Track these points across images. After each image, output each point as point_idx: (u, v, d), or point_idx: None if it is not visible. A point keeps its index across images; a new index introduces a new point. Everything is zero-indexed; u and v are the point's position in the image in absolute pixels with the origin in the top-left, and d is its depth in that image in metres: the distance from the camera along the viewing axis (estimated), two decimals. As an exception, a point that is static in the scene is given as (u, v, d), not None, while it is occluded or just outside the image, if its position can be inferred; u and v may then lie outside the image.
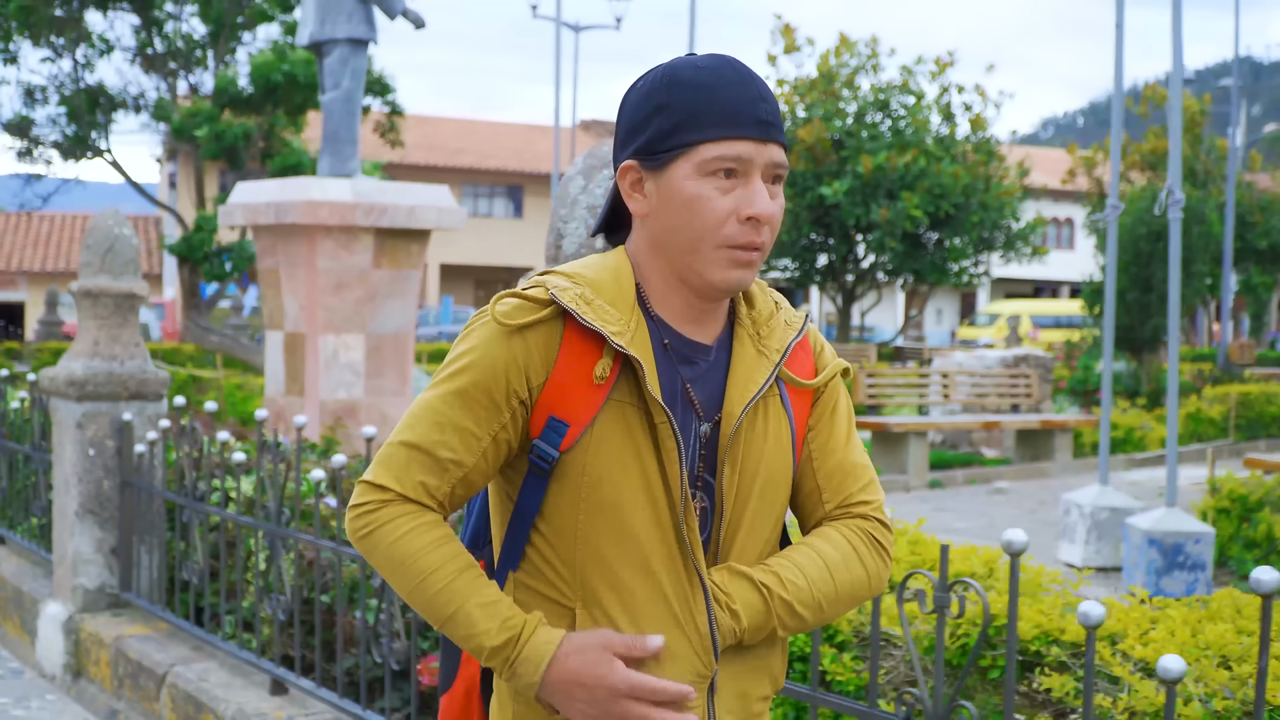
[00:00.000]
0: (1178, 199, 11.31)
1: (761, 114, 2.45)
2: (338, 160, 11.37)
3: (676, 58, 2.52)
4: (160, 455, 7.84)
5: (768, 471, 2.58)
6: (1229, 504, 12.32)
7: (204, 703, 6.72)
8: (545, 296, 2.45)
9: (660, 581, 2.48)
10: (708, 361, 2.55)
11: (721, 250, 2.44)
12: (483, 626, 2.43)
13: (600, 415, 2.45)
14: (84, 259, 8.40)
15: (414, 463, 2.49)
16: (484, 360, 2.46)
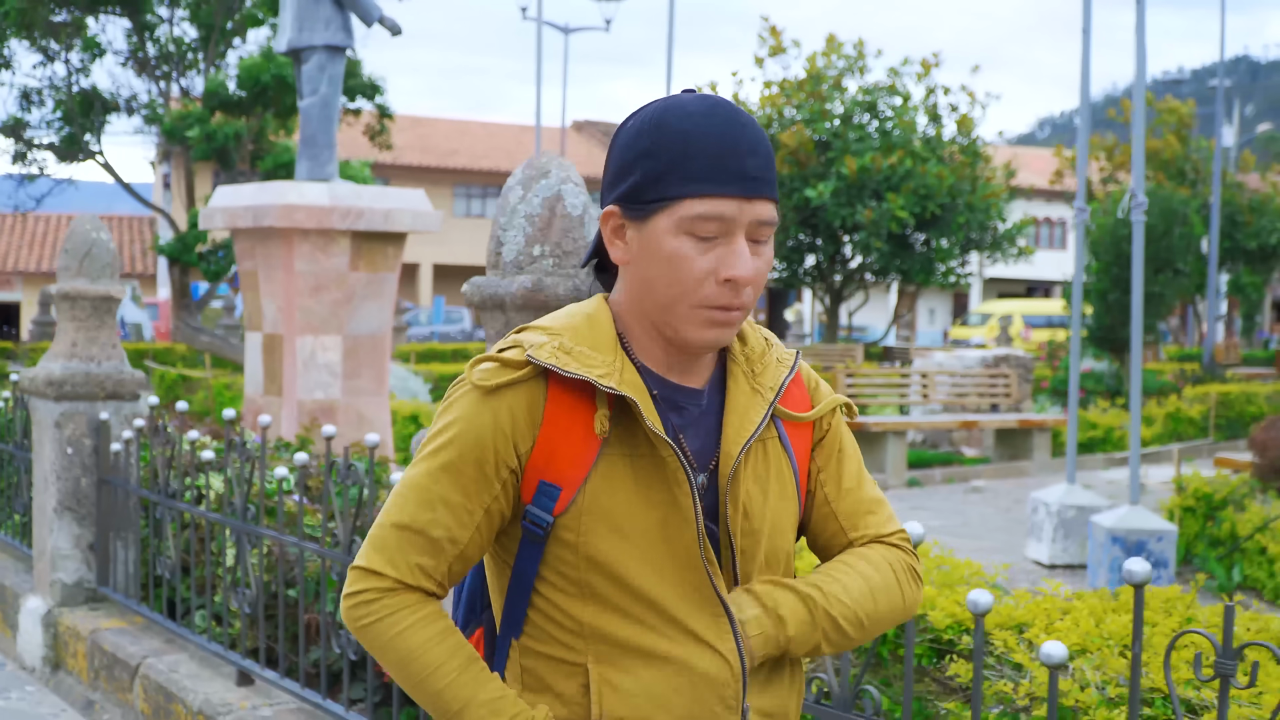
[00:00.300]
0: (1140, 202, 11.54)
1: (749, 169, 2.32)
2: (315, 164, 11.58)
3: (672, 97, 2.39)
4: (135, 453, 8.04)
5: (773, 514, 2.51)
6: (1194, 502, 12.53)
7: (174, 693, 6.93)
8: (522, 357, 2.38)
9: (678, 619, 2.40)
10: (699, 407, 2.48)
11: (699, 310, 2.35)
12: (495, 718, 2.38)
13: (593, 473, 2.37)
14: (62, 263, 8.62)
15: (407, 545, 2.42)
16: (468, 431, 2.38)
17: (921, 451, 21.46)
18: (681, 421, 2.43)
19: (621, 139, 2.39)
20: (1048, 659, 3.30)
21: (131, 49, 29.27)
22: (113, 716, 7.60)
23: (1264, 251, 44.55)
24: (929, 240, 35.26)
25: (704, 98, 2.35)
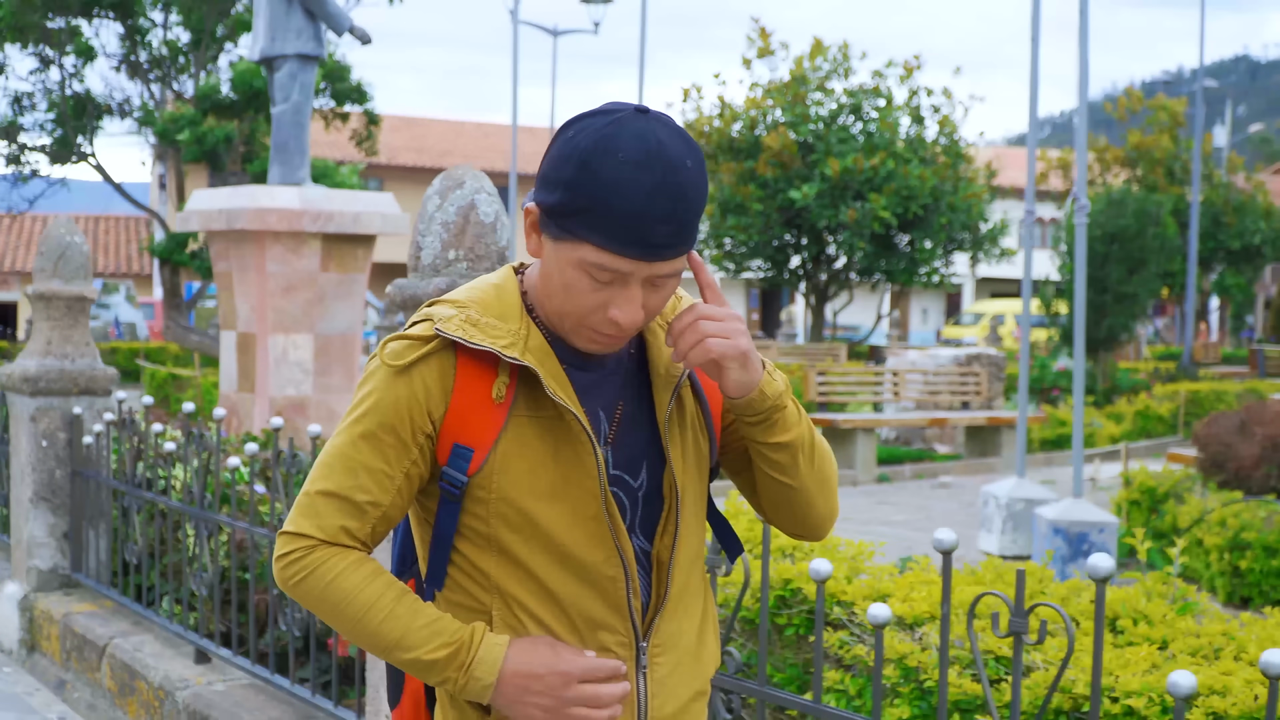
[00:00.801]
0: (1083, 204, 11.97)
1: (655, 238, 2.38)
2: (287, 169, 11.99)
3: (614, 128, 2.40)
4: (107, 446, 8.45)
5: (690, 457, 2.68)
6: (1140, 496, 12.96)
7: (137, 670, 7.36)
8: (430, 331, 2.52)
9: (582, 566, 2.55)
10: (604, 368, 2.62)
11: (585, 329, 2.49)
12: (431, 644, 2.50)
13: (503, 435, 2.52)
14: (37, 265, 9.05)
15: (333, 509, 2.55)
16: (384, 402, 2.52)
17: (894, 448, 21.89)
18: (588, 380, 2.58)
19: (555, 147, 2.44)
20: (874, 619, 3.73)
21: (124, 53, 29.66)
22: (82, 694, 8.03)
23: (1248, 251, 44.93)
24: (912, 241, 35.61)
25: (641, 140, 2.38)
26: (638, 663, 2.63)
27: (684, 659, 2.72)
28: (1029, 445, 22.09)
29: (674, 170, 2.37)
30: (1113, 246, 25.32)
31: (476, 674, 2.50)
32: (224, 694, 6.79)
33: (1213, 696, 3.63)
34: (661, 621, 2.66)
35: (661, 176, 2.36)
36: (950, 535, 3.56)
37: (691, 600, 2.75)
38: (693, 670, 2.74)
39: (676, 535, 2.63)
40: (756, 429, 2.61)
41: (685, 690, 2.72)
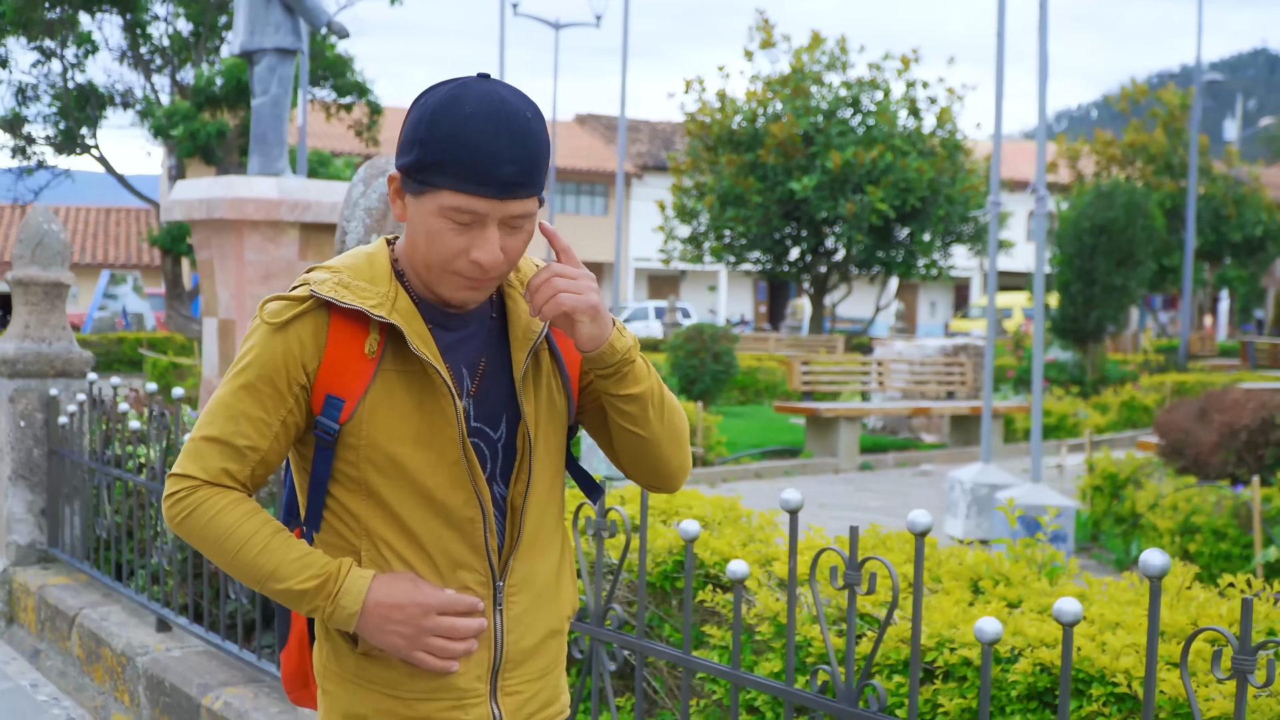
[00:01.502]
0: (1042, 195, 12.28)
1: (504, 176, 2.61)
2: (266, 160, 12.31)
3: (454, 90, 2.66)
4: (83, 425, 8.79)
5: (545, 413, 2.89)
6: (1102, 482, 13.26)
7: (103, 638, 7.70)
8: (306, 293, 2.73)
9: (444, 508, 2.78)
10: (466, 330, 2.83)
11: (450, 276, 2.70)
12: (301, 575, 2.71)
13: (372, 386, 2.74)
14: (16, 251, 9.39)
15: (215, 453, 2.76)
16: (262, 356, 2.74)
17: (879, 437, 22.19)
18: (452, 338, 2.80)
19: (412, 114, 2.69)
20: (732, 574, 4.05)
21: (126, 45, 29.98)
22: (54, 663, 8.38)
23: (1250, 244, 45.10)
24: (911, 233, 35.85)
25: (485, 98, 2.63)
26: (495, 600, 2.85)
27: (539, 598, 2.93)
28: (1013, 434, 22.40)
29: (515, 118, 2.62)
30: (1101, 239, 25.63)
31: (342, 603, 2.71)
32: (180, 659, 7.12)
33: (1041, 648, 3.93)
34: (516, 561, 2.88)
35: (505, 123, 2.61)
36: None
37: (547, 543, 2.96)
38: (548, 609, 2.96)
39: (529, 482, 2.85)
40: (608, 381, 2.84)
41: (541, 627, 2.94)
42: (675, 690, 5.16)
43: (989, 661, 3.41)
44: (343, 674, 2.89)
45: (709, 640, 4.88)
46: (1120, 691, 3.76)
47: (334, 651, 2.90)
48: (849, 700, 3.76)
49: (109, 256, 52.17)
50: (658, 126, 66.34)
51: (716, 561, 5.06)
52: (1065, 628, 3.28)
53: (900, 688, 4.12)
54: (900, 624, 4.24)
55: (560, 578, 3.02)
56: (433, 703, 2.86)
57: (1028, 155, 64.13)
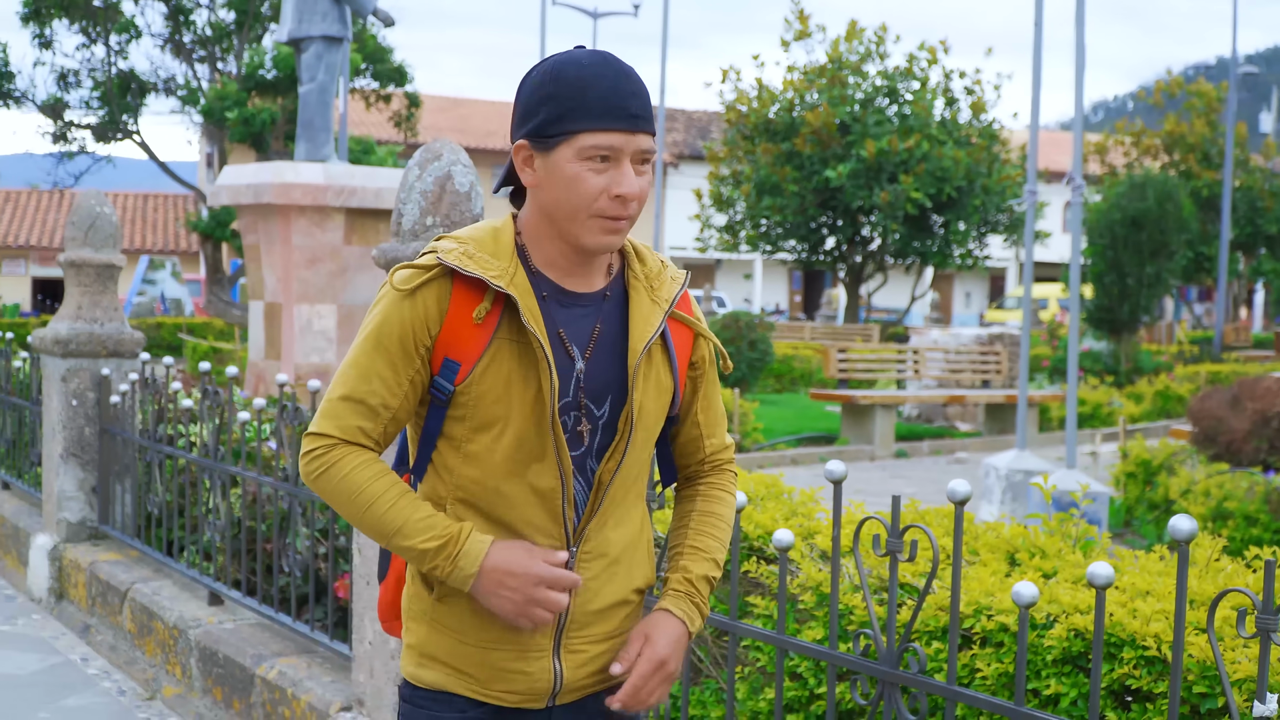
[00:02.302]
0: (1079, 186, 12.38)
1: (632, 109, 2.86)
2: (313, 146, 12.49)
3: (566, 53, 2.93)
4: (134, 404, 8.97)
5: (651, 403, 3.06)
6: (1135, 468, 13.35)
7: (155, 612, 7.88)
8: (433, 261, 2.91)
9: (529, 474, 2.96)
10: (584, 309, 3.00)
11: (595, 220, 2.88)
12: (424, 535, 2.90)
13: (487, 351, 2.91)
14: (68, 234, 9.57)
15: (350, 411, 2.96)
16: (391, 319, 2.92)
17: (914, 425, 22.30)
18: (567, 317, 2.98)
19: (525, 87, 2.93)
20: (777, 543, 4.20)
21: (169, 32, 30.16)
22: (104, 637, 8.56)
23: (1286, 236, 44.98)
24: (946, 223, 35.85)
25: (593, 52, 2.91)
26: (567, 565, 3.02)
27: (612, 567, 3.10)
28: (1048, 423, 22.48)
29: (623, 64, 2.90)
30: (1133, 230, 25.70)
31: (460, 564, 2.91)
32: (232, 631, 7.30)
33: (1075, 614, 4.07)
34: (591, 531, 3.05)
35: (618, 67, 2.89)
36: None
37: (625, 517, 3.13)
38: (621, 580, 3.13)
39: (621, 462, 3.03)
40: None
41: (609, 594, 3.10)
42: (719, 659, 5.30)
43: (1025, 623, 3.55)
44: (422, 614, 3.09)
45: (753, 609, 5.02)
46: (1150, 655, 3.88)
47: (416, 593, 3.10)
48: (890, 663, 3.91)
49: (147, 242, 52.45)
50: (694, 115, 66.37)
51: (760, 534, 5.20)
52: (1098, 590, 3.42)
53: (939, 653, 4.25)
54: (938, 593, 4.38)
55: (636, 551, 3.18)
56: (498, 651, 3.04)
57: (1063, 146, 64.00)
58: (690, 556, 3.22)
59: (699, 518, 3.27)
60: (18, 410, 11.32)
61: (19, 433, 11.32)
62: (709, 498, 3.30)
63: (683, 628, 3.14)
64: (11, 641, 8.70)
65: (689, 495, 3.33)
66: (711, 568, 3.22)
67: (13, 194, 53.64)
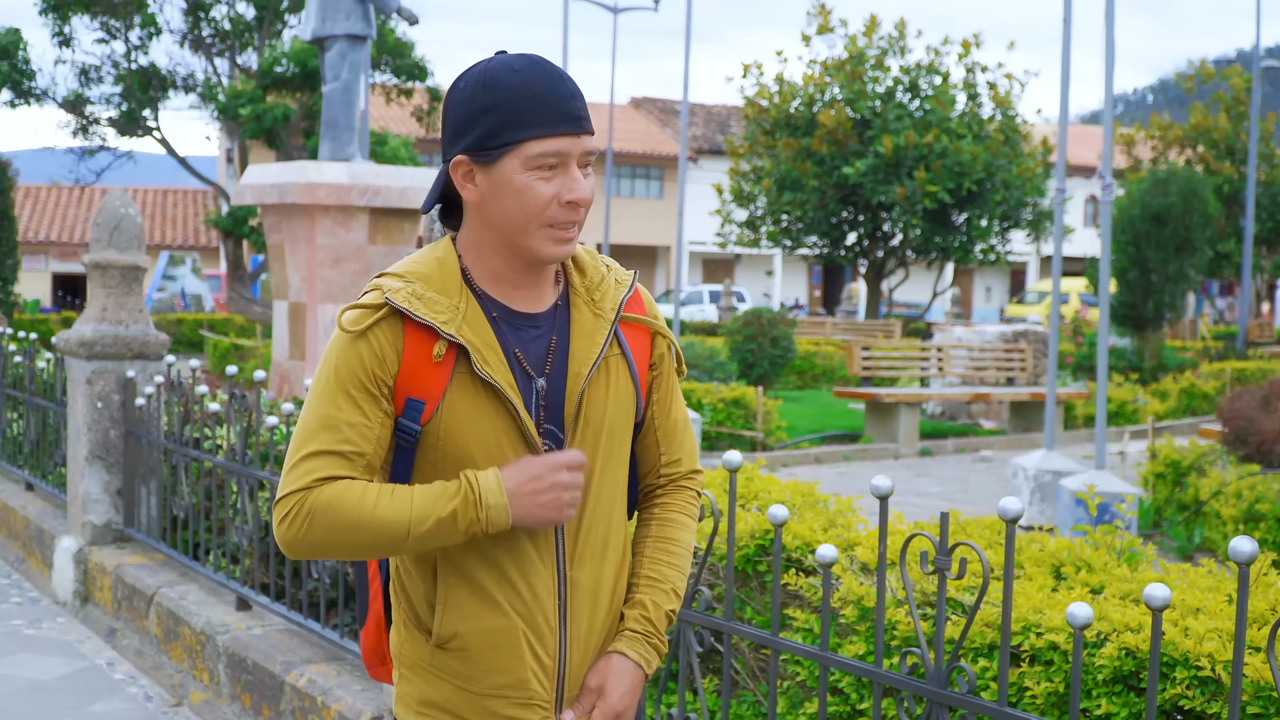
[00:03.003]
0: (1109, 183, 12.29)
1: (575, 110, 2.76)
2: (337, 145, 12.44)
3: (492, 59, 2.81)
4: (158, 407, 8.92)
5: (612, 420, 2.96)
6: (1164, 469, 13.26)
7: (181, 617, 7.83)
8: (380, 300, 2.78)
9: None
10: (537, 330, 2.89)
11: (545, 230, 2.78)
12: (440, 503, 2.74)
13: (450, 388, 2.80)
14: (93, 235, 9.53)
15: (322, 466, 2.77)
16: (349, 362, 2.79)
17: (938, 423, 22.21)
18: (521, 339, 2.87)
19: (454, 99, 2.81)
20: (821, 559, 4.13)
21: (188, 27, 30.14)
22: (130, 641, 8.51)
23: (1307, 232, 44.82)
24: (968, 218, 35.78)
25: (523, 56, 2.80)
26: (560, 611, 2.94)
27: (602, 603, 3.02)
28: (1074, 421, 22.38)
29: (556, 67, 2.80)
30: (1156, 225, 25.60)
31: (489, 502, 2.75)
32: (261, 637, 7.24)
33: (1126, 633, 4.00)
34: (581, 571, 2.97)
35: (551, 69, 2.78)
36: (886, 482, 3.95)
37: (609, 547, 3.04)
38: (612, 614, 3.06)
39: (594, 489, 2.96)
40: None
41: (603, 632, 3.04)
42: (757, 672, 5.24)
43: (1080, 646, 3.48)
44: (418, 661, 2.98)
45: (792, 623, 4.96)
46: (1204, 675, 3.81)
47: (410, 640, 2.99)
48: (939, 682, 3.83)
49: (167, 238, 52.56)
50: (713, 110, 66.29)
51: (798, 545, 5.13)
52: (1155, 612, 3.35)
53: (986, 671, 4.18)
54: (984, 609, 4.30)
55: (620, 582, 3.09)
56: (500, 699, 2.93)
57: (1085, 139, 63.83)
58: (647, 589, 3.10)
59: (654, 545, 3.14)
60: (42, 411, 11.28)
61: (43, 433, 11.28)
62: (665, 521, 3.17)
63: (640, 673, 3.05)
64: (37, 645, 8.65)
65: (643, 519, 3.21)
66: (670, 599, 3.10)
67: (34, 190, 53.75)
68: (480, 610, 2.89)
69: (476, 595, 2.89)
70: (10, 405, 12.34)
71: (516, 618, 2.90)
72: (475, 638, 2.90)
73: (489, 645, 2.90)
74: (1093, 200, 65.31)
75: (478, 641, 2.90)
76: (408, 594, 2.97)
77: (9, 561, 10.95)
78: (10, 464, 12.13)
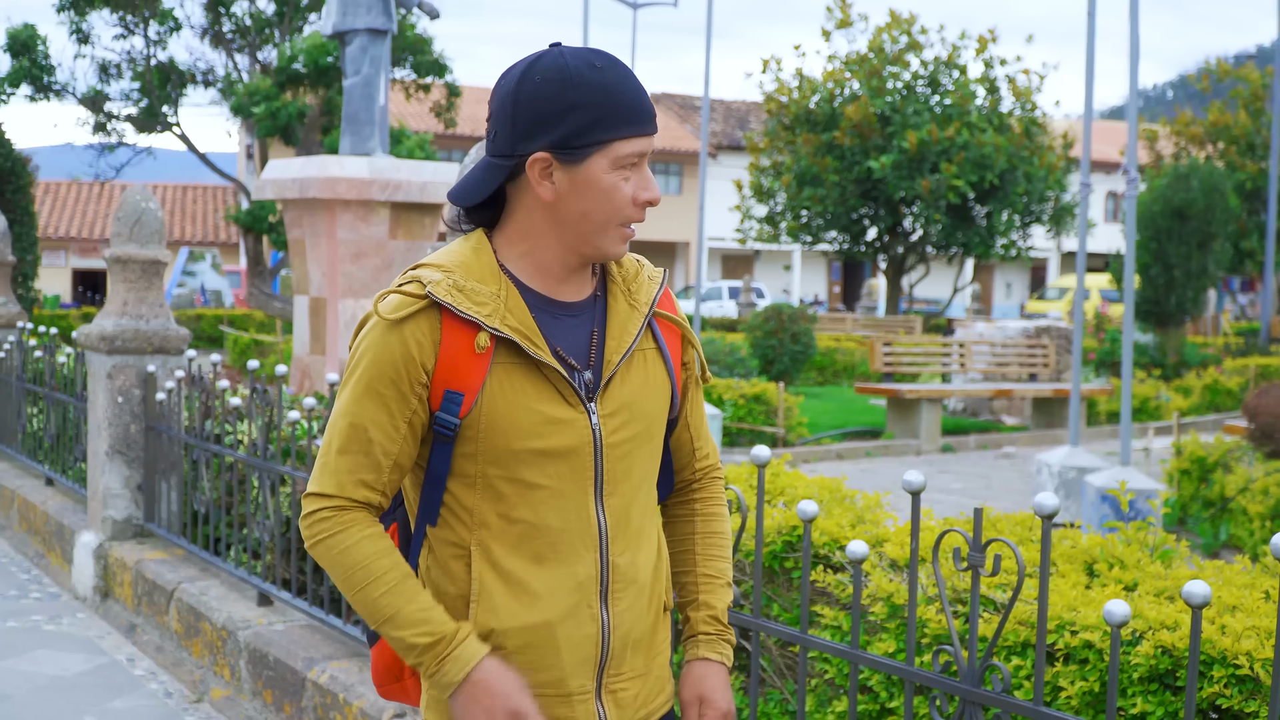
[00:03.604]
0: (1133, 178, 12.22)
1: (652, 109, 2.78)
2: (357, 140, 12.39)
3: (562, 53, 2.75)
4: (179, 402, 8.88)
5: (647, 411, 2.94)
6: (1190, 465, 13.19)
7: (202, 612, 7.79)
8: (421, 291, 2.74)
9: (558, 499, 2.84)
10: (575, 318, 2.87)
11: (618, 229, 2.80)
12: (417, 629, 2.76)
13: (489, 378, 2.77)
14: (114, 230, 9.49)
15: (350, 465, 2.80)
16: (381, 358, 2.76)
17: (960, 419, 22.15)
18: (557, 329, 2.84)
19: (529, 92, 2.73)
20: (852, 555, 4.08)
21: (208, 23, 30.14)
22: (150, 637, 8.47)
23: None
24: (989, 213, 35.70)
25: (597, 52, 2.76)
26: (602, 595, 2.91)
27: (641, 593, 2.99)
28: (1097, 417, 22.29)
29: (621, 61, 2.79)
30: (1178, 221, 25.51)
31: (447, 668, 2.78)
32: (282, 633, 7.20)
33: (1163, 631, 3.93)
34: (621, 556, 2.94)
35: (625, 67, 2.78)
36: (918, 477, 3.89)
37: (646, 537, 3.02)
38: (650, 604, 3.02)
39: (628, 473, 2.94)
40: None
41: (643, 624, 3.00)
42: (784, 670, 5.18)
43: (1118, 644, 3.43)
44: None
45: (820, 620, 4.90)
46: (1242, 674, 3.75)
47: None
48: (972, 680, 3.77)
49: (187, 233, 52.62)
50: (733, 106, 66.22)
51: (826, 542, 5.07)
52: (1194, 610, 3.29)
53: (1019, 670, 4.12)
54: (1016, 606, 4.24)
55: (658, 571, 3.06)
56: (541, 698, 2.89)
57: (1106, 135, 63.65)
58: (707, 589, 3.16)
59: (704, 541, 3.19)
60: (62, 406, 11.25)
61: (63, 428, 11.25)
62: (709, 516, 3.21)
63: (726, 670, 3.14)
64: (57, 641, 8.61)
65: (684, 514, 3.22)
66: (728, 592, 3.18)
67: (53, 186, 53.85)
68: (516, 606, 2.86)
69: (512, 590, 2.86)
70: (31, 400, 12.31)
71: (554, 610, 2.86)
72: (511, 636, 2.86)
73: (525, 643, 2.86)
74: (1114, 196, 65.13)
75: (514, 640, 2.86)
76: (441, 592, 2.91)
77: (29, 557, 10.93)
78: (31, 459, 12.10)
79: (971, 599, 3.75)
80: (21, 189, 25.27)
